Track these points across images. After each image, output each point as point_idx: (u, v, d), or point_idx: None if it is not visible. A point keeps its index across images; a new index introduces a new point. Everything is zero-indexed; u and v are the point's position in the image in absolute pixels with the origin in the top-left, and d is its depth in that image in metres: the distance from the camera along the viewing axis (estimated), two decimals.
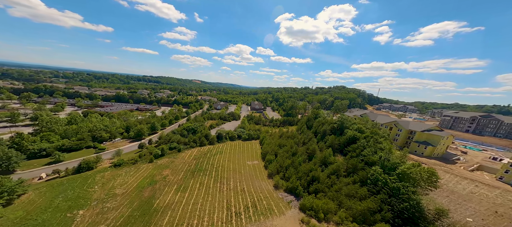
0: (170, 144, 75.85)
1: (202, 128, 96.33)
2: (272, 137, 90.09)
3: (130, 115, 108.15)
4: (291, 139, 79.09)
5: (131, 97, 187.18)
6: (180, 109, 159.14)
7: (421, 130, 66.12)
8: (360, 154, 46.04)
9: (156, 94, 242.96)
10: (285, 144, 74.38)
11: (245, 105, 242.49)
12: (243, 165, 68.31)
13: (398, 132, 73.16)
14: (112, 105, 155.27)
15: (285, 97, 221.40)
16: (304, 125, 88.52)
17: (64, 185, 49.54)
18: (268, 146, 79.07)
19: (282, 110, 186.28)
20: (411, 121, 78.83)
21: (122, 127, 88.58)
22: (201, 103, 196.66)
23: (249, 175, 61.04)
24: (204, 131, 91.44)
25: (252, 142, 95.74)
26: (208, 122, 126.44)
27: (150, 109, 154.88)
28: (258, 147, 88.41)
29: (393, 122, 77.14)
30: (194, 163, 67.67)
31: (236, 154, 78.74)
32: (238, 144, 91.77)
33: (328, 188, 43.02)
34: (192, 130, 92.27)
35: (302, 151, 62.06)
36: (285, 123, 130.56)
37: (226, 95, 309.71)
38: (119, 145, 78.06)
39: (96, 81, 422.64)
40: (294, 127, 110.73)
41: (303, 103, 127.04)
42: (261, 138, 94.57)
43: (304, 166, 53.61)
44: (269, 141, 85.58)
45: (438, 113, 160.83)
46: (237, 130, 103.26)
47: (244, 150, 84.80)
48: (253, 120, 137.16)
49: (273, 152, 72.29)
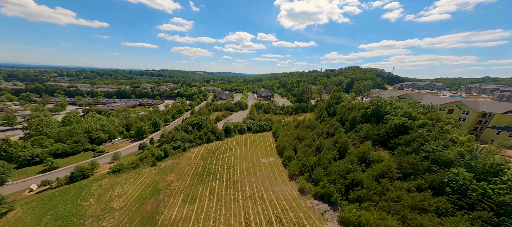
0: (174, 142, 67.52)
1: (208, 121, 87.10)
2: (287, 128, 79.59)
3: (131, 111, 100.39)
4: (310, 129, 68.25)
5: (133, 92, 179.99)
6: (184, 102, 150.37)
7: (502, 111, 51.35)
8: (420, 148, 34.71)
9: (158, 88, 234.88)
10: (304, 136, 63.81)
11: (251, 93, 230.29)
12: (258, 164, 59.17)
13: (464, 115, 57.99)
14: (114, 101, 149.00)
15: (294, 82, 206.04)
16: (323, 111, 76.77)
17: (56, 199, 42.77)
18: (284, 138, 68.89)
19: (291, 96, 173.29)
20: (482, 101, 62.79)
21: (122, 125, 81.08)
22: (205, 94, 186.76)
23: (267, 177, 51.94)
24: (210, 125, 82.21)
25: (264, 135, 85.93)
26: (214, 113, 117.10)
27: (152, 103, 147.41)
28: (271, 140, 78.67)
29: (455, 102, 60.58)
30: (202, 164, 59.28)
31: (248, 150, 69.57)
32: (249, 138, 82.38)
33: (378, 195, 32.83)
34: (197, 125, 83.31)
35: (329, 145, 51.35)
36: (297, 110, 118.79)
37: (230, 85, 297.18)
38: (119, 146, 70.95)
39: (100, 78, 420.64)
40: (310, 114, 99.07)
41: (318, 86, 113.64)
42: (274, 129, 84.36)
43: (337, 165, 43.34)
44: (284, 132, 75.24)
45: (476, 89, 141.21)
46: (246, 121, 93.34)
47: (256, 144, 75.39)
48: (262, 109, 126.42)
49: (292, 146, 62.25)
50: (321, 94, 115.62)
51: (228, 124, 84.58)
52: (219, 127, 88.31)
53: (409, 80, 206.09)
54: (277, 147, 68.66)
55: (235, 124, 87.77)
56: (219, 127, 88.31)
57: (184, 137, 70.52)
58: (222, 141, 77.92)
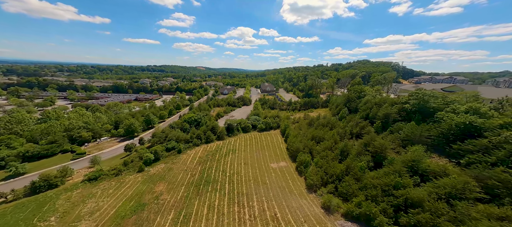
0: (167, 143, 57.45)
1: (208, 118, 76.67)
2: (298, 126, 68.65)
3: (123, 106, 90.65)
4: (328, 128, 57.09)
5: (131, 87, 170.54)
6: (183, 97, 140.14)
7: None
8: (510, 159, 23.60)
9: (158, 82, 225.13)
10: (322, 137, 52.91)
11: (254, 88, 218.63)
12: (267, 170, 48.69)
13: None
14: (109, 96, 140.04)
15: (300, 76, 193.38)
16: (342, 107, 65.38)
17: (6, 217, 33.16)
18: (296, 139, 58.14)
19: (298, 90, 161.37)
20: None
21: (110, 122, 71.33)
22: (206, 89, 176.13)
23: (279, 188, 41.50)
24: (210, 122, 71.77)
25: (272, 133, 75.17)
26: (215, 109, 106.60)
27: (150, 98, 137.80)
28: (280, 140, 67.96)
29: None
30: (199, 170, 49.11)
31: (254, 152, 59.11)
32: (254, 137, 71.79)
33: (451, 222, 22.04)
34: (195, 122, 73.00)
35: (358, 149, 40.35)
36: (307, 105, 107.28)
37: (232, 79, 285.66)
38: (105, 146, 61.32)
39: (100, 73, 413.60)
40: (323, 110, 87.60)
41: (330, 80, 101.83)
42: (282, 127, 73.51)
43: (375, 176, 32.50)
44: (296, 131, 64.38)
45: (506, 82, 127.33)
46: (251, 118, 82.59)
47: (263, 145, 64.81)
48: (267, 104, 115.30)
49: (307, 149, 51.55)
50: (333, 89, 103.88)
51: (231, 121, 74.06)
52: (220, 124, 77.87)
53: (425, 74, 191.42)
54: (288, 149, 57.97)
55: (238, 121, 77.18)
56: (220, 124, 77.87)
57: (179, 137, 60.34)
58: (224, 141, 67.58)
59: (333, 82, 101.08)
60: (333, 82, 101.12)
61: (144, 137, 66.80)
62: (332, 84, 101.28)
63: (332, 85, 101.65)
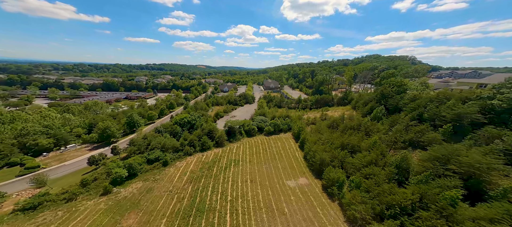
0: (149, 153, 43.77)
1: (204, 119, 62.99)
2: (316, 129, 54.61)
3: (105, 106, 77.09)
4: (362, 132, 42.96)
5: (123, 85, 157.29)
6: (179, 94, 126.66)
7: None
8: None
9: (154, 80, 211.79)
10: (355, 144, 38.92)
11: (256, 85, 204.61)
12: (283, 191, 34.94)
13: None
14: (96, 94, 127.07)
15: (306, 72, 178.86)
16: (374, 104, 51.09)
17: None
18: (317, 146, 44.42)
19: (305, 87, 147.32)
20: None
21: (83, 125, 57.87)
22: (204, 86, 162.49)
23: (305, 220, 27.86)
24: (206, 124, 58.05)
25: (282, 137, 61.30)
26: (214, 108, 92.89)
27: (142, 97, 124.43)
28: (294, 146, 54.12)
29: None
30: (190, 190, 35.48)
31: (263, 163, 45.35)
32: (261, 142, 58.00)
33: None
34: (189, 124, 59.34)
35: (426, 165, 26.34)
36: (319, 103, 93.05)
37: (233, 77, 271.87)
38: (70, 156, 47.80)
39: (97, 72, 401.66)
40: (340, 109, 73.38)
41: (348, 73, 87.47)
42: (295, 129, 59.67)
43: (480, 217, 18.54)
44: (315, 136, 50.44)
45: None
46: (256, 119, 68.71)
47: (274, 153, 50.97)
48: (272, 102, 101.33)
49: (337, 161, 37.91)
50: (351, 85, 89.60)
51: (232, 122, 60.26)
52: (219, 126, 64.19)
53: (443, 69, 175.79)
54: (307, 159, 44.15)
55: (241, 123, 63.36)
56: (219, 126, 64.19)
57: (166, 144, 46.61)
58: (224, 148, 53.85)
59: (350, 77, 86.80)
60: (350, 76, 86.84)
61: (116, 146, 53.19)
62: (349, 79, 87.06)
63: (349, 80, 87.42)
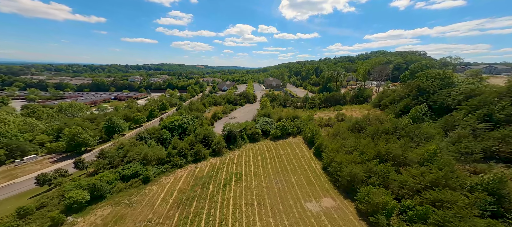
0: (124, 167, 33.75)
1: (198, 122, 52.94)
2: (334, 132, 44.67)
3: (84, 107, 66.71)
4: (407, 137, 33.04)
5: (114, 85, 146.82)
6: (174, 94, 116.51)
7: None
8: None
9: (150, 80, 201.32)
10: (400, 155, 29.11)
11: (257, 83, 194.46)
12: (304, 220, 25.30)
13: None
14: (83, 95, 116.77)
15: (309, 68, 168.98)
16: (409, 102, 41.16)
17: None
18: (340, 156, 34.76)
19: (309, 84, 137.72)
20: None
21: (50, 131, 47.71)
22: (202, 85, 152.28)
23: None
24: (201, 129, 48.06)
25: (292, 142, 51.47)
26: (211, 109, 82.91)
27: (133, 97, 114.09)
28: (307, 153, 44.33)
29: None
30: (175, 221, 25.61)
31: (271, 177, 35.54)
32: (268, 148, 48.15)
33: None
34: (180, 129, 49.29)
35: None
36: (329, 101, 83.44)
37: (232, 75, 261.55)
38: (25, 170, 37.70)
39: (91, 72, 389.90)
40: (357, 107, 63.61)
41: (362, 69, 77.55)
42: (307, 133, 49.88)
43: None
44: (335, 142, 40.57)
45: None
46: (260, 120, 58.81)
47: (284, 162, 41.15)
48: (276, 101, 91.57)
49: (375, 176, 28.20)
50: (365, 80, 79.65)
51: (232, 126, 50.27)
52: (217, 129, 54.33)
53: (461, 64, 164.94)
54: (328, 170, 34.44)
55: (243, 126, 53.46)
56: (217, 129, 54.33)
57: (148, 155, 36.63)
58: (222, 158, 43.98)
59: (364, 72, 76.85)
60: (364, 71, 76.91)
61: (81, 158, 42.91)
62: (364, 74, 77.12)
63: (364, 75, 77.45)
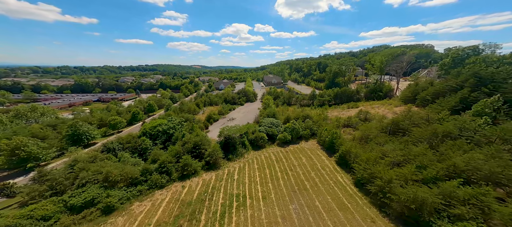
0: (73, 194, 22.91)
1: (187, 127, 42.21)
2: (364, 135, 34.56)
3: (50, 111, 55.25)
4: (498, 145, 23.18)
5: (99, 85, 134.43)
6: (165, 94, 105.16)
7: None
8: None
9: (141, 80, 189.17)
10: (498, 174, 18.87)
11: (256, 82, 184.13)
12: None
13: None
14: (61, 97, 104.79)
15: (312, 64, 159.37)
16: (466, 93, 31.30)
17: None
18: (384, 169, 24.62)
19: (313, 81, 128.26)
20: None
21: None
22: (196, 84, 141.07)
23: None
24: (191, 135, 37.46)
25: (304, 148, 41.38)
26: (206, 110, 72.23)
27: (119, 98, 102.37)
28: (329, 163, 34.22)
29: None
30: None
31: (286, 200, 25.11)
32: (276, 158, 37.98)
33: None
34: (164, 135, 38.59)
35: None
36: (340, 98, 73.86)
37: (229, 74, 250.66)
38: None
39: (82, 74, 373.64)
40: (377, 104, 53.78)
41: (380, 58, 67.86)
42: (324, 136, 39.83)
43: None
44: (368, 149, 30.48)
45: None
46: (264, 122, 48.57)
47: (299, 177, 30.96)
48: (280, 99, 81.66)
49: (461, 203, 17.51)
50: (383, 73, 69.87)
51: (230, 129, 39.85)
52: (212, 134, 43.93)
53: None
54: (363, 186, 24.41)
55: (244, 129, 43.10)
56: (212, 134, 43.93)
57: (110, 174, 25.84)
58: (218, 172, 33.58)
59: (381, 64, 67.08)
60: (381, 63, 67.09)
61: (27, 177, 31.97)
62: (381, 67, 67.36)
63: (381, 68, 67.69)
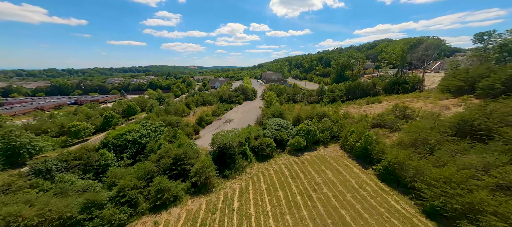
0: None
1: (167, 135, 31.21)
2: (418, 139, 24.46)
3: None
4: None
5: (80, 87, 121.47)
6: (152, 94, 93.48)
7: None
8: None
9: (130, 80, 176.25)
10: None
11: (254, 79, 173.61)
12: None
13: None
14: (32, 100, 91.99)
15: (313, 59, 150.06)
16: None
17: None
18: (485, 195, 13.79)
19: (316, 76, 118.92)
20: None
21: None
22: (189, 83, 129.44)
23: None
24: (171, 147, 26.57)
25: (325, 156, 31.06)
26: (198, 111, 61.30)
27: (100, 100, 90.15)
28: (367, 178, 23.96)
29: None
30: None
31: None
32: (291, 172, 27.56)
33: None
34: (134, 146, 27.61)
35: None
36: (352, 93, 64.27)
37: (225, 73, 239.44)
38: None
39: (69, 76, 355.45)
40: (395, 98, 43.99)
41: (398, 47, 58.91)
42: (352, 140, 29.74)
43: None
44: (439, 158, 20.08)
45: None
46: (269, 125, 38.23)
47: (331, 203, 20.55)
48: (284, 95, 71.72)
49: None
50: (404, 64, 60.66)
51: (225, 136, 29.29)
52: (203, 142, 33.18)
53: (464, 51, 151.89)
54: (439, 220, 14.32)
55: (245, 133, 32.60)
56: (203, 142, 33.18)
57: (15, 218, 14.82)
58: (209, 197, 22.90)
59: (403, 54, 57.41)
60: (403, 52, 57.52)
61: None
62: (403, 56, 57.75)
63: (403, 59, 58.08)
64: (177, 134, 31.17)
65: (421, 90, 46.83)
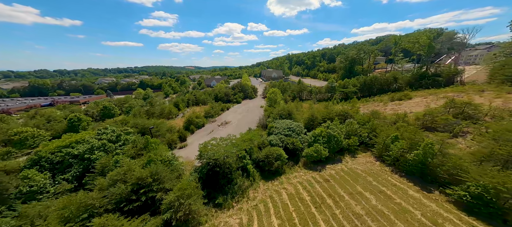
0: None
1: (131, 147, 21.98)
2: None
3: None
4: None
5: (62, 87, 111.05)
6: (139, 94, 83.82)
7: None
8: None
9: (121, 80, 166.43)
10: None
11: (253, 78, 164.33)
12: None
13: None
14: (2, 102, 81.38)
15: (316, 55, 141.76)
16: None
17: None
18: None
19: (321, 73, 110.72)
20: None
21: None
22: (183, 82, 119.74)
23: None
24: (132, 165, 17.37)
25: (356, 170, 22.07)
26: (189, 111, 52.02)
27: (80, 102, 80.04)
28: (443, 210, 15.00)
29: None
30: None
31: None
32: (313, 197, 18.50)
33: None
34: (80, 164, 18.28)
35: None
36: (367, 89, 55.87)
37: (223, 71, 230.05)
38: None
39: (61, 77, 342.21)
40: (451, 91, 35.33)
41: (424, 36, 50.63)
42: (395, 150, 20.78)
43: None
44: None
45: None
46: (277, 127, 29.12)
47: None
48: (288, 93, 63.16)
49: None
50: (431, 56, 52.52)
51: (217, 147, 20.16)
52: (190, 152, 23.98)
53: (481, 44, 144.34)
54: None
55: (245, 141, 23.45)
56: (190, 152, 23.98)
57: None
58: None
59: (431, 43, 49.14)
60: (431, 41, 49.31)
61: None
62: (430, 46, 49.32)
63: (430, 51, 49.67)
64: (150, 143, 21.98)
65: (463, 83, 38.54)
